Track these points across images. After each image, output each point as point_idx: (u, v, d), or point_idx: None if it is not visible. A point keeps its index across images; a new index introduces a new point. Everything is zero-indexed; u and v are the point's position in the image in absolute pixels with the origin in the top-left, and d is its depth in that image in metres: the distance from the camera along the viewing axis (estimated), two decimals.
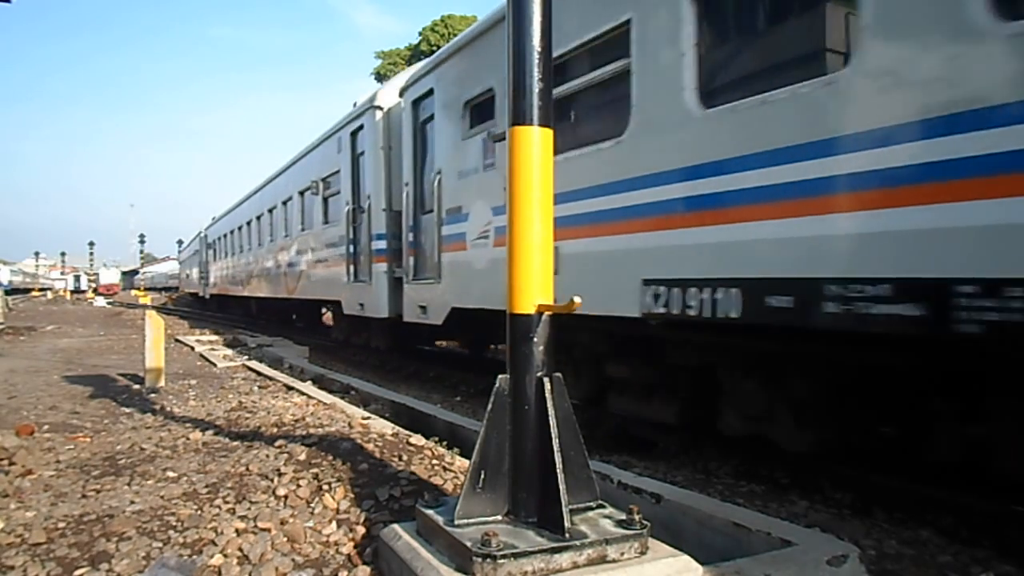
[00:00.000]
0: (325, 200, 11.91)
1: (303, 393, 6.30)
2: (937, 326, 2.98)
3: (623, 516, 2.28)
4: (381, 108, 9.41)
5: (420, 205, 8.32)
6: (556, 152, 5.23)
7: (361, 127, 10.01)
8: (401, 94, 8.80)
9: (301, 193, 13.41)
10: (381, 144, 9.29)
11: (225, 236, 23.27)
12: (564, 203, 5.03)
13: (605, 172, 4.96)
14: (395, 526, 2.53)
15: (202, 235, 28.63)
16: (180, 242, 46.04)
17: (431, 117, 7.96)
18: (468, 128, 6.95)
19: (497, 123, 6.25)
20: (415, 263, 8.34)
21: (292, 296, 14.24)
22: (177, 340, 12.81)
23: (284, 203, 15.04)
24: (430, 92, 7.91)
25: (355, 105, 10.74)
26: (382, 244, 9.20)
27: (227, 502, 3.09)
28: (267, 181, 16.99)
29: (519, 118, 2.40)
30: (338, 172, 10.98)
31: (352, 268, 10.27)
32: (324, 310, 16.54)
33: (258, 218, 17.97)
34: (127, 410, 5.79)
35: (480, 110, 6.84)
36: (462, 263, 7.03)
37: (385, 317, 9.19)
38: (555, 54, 5.19)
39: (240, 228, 20.47)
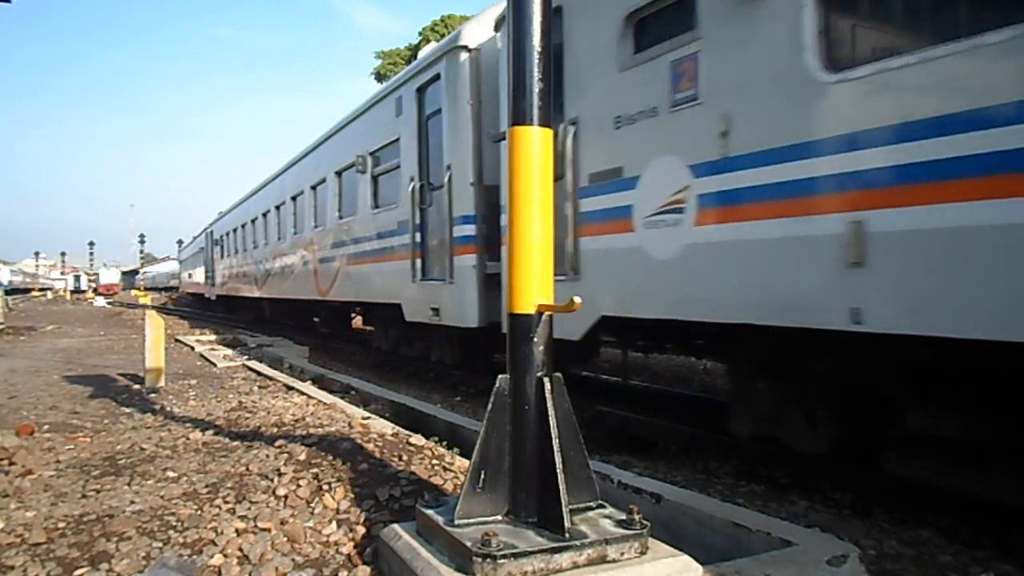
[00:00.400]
0: (375, 179, 9.63)
1: (303, 393, 6.30)
2: None
3: (623, 516, 2.28)
4: (467, 49, 7.19)
5: None
6: (840, 66, 3.37)
7: (436, 78, 7.79)
8: (498, 27, 6.80)
9: (339, 173, 11.19)
10: (468, 97, 7.16)
11: (236, 231, 21.39)
12: (876, 147, 3.24)
13: (992, 84, 2.82)
14: (395, 526, 2.53)
15: (208, 231, 26.96)
16: (180, 242, 45.98)
17: (557, 47, 5.51)
18: (633, 52, 4.82)
19: (701, 33, 4.26)
20: None
21: (325, 298, 11.92)
22: (177, 340, 12.81)
23: (314, 188, 12.70)
24: (556, 11, 5.34)
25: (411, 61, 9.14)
26: (469, 229, 7.10)
27: (227, 502, 3.09)
28: (290, 164, 14.76)
29: (519, 118, 2.40)
30: (396, 141, 8.81)
31: (421, 262, 8.15)
32: (353, 313, 14.16)
33: (278, 208, 15.46)
34: (127, 410, 5.79)
35: (656, 24, 4.71)
36: (624, 251, 4.88)
37: (475, 327, 7.08)
38: None
39: (254, 221, 18.15)
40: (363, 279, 10.13)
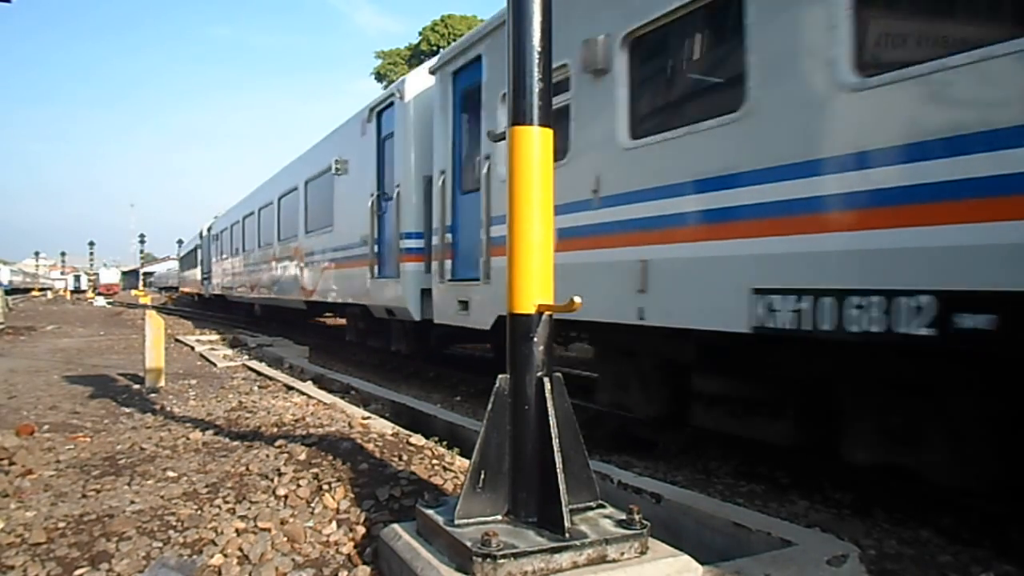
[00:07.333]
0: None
1: (303, 393, 6.29)
2: None
3: (623, 516, 2.28)
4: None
5: None
6: None
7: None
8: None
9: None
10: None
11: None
12: None
13: None
14: (395, 526, 2.53)
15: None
16: (180, 242, 45.84)
17: None
18: None
19: None
20: None
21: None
22: (177, 340, 12.80)
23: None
24: None
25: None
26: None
27: (227, 502, 3.09)
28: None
29: (519, 118, 2.40)
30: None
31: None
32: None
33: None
34: (127, 410, 5.78)
35: None
36: None
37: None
38: None
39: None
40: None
